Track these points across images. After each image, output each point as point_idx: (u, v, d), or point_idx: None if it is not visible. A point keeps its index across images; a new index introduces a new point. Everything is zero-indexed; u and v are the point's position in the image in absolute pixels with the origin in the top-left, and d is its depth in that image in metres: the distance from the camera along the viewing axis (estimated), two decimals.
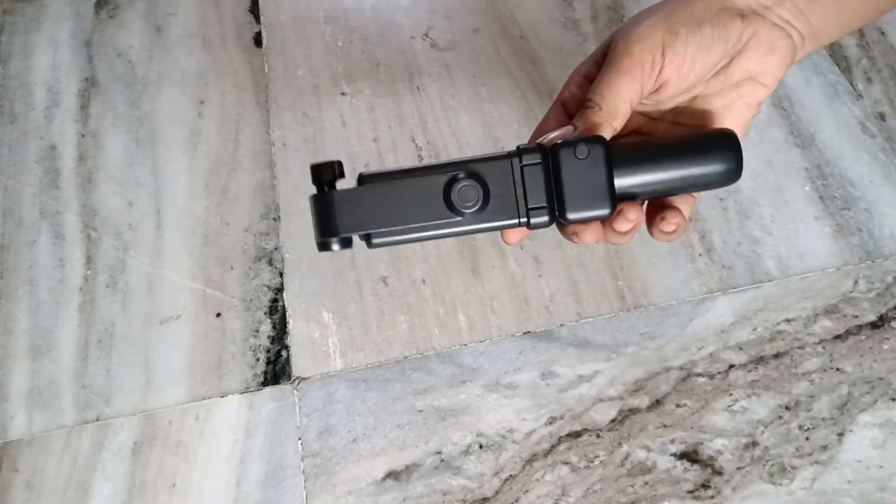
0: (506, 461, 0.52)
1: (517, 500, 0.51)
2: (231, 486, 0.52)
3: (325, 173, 0.32)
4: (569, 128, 0.33)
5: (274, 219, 0.63)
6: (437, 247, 0.61)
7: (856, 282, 0.59)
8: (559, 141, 0.32)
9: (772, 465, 0.52)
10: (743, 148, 0.37)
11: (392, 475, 0.52)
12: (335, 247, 0.32)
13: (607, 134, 0.33)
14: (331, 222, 0.32)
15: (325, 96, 0.69)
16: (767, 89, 0.35)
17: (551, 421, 0.54)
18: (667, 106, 0.36)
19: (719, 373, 0.55)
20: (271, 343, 0.57)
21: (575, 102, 0.36)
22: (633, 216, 0.33)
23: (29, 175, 0.66)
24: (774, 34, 0.32)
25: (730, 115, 0.36)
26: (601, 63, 0.35)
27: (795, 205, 0.62)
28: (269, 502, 0.51)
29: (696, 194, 0.37)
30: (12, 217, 0.64)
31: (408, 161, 0.66)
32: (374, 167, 0.66)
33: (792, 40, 0.33)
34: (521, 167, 0.32)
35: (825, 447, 0.52)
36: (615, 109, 0.32)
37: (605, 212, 0.32)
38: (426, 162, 0.67)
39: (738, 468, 0.52)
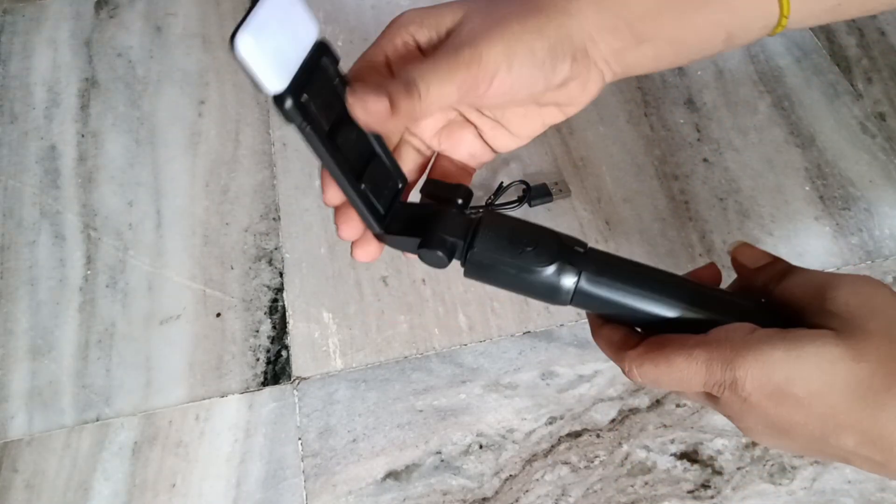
0: (506, 461, 0.52)
1: (517, 500, 0.51)
2: (231, 486, 0.52)
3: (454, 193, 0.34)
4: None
5: (274, 219, 0.63)
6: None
7: None
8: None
9: (772, 465, 0.52)
10: (742, 149, 0.37)
11: (392, 475, 0.52)
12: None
13: (404, 123, 0.31)
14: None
15: None
16: (566, 116, 0.35)
17: (551, 421, 0.54)
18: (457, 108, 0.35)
19: None
20: (271, 343, 0.57)
21: (398, 60, 0.33)
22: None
23: (29, 175, 0.66)
24: (592, 76, 0.32)
25: (522, 126, 0.35)
26: (434, 35, 0.32)
27: (795, 205, 0.62)
28: (269, 502, 0.51)
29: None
30: (12, 217, 0.64)
31: None
32: None
33: (604, 80, 0.33)
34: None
35: None
36: (432, 105, 0.30)
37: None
38: None
39: (738, 468, 0.52)
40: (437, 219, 0.33)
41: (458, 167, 0.37)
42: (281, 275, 0.60)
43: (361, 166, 0.32)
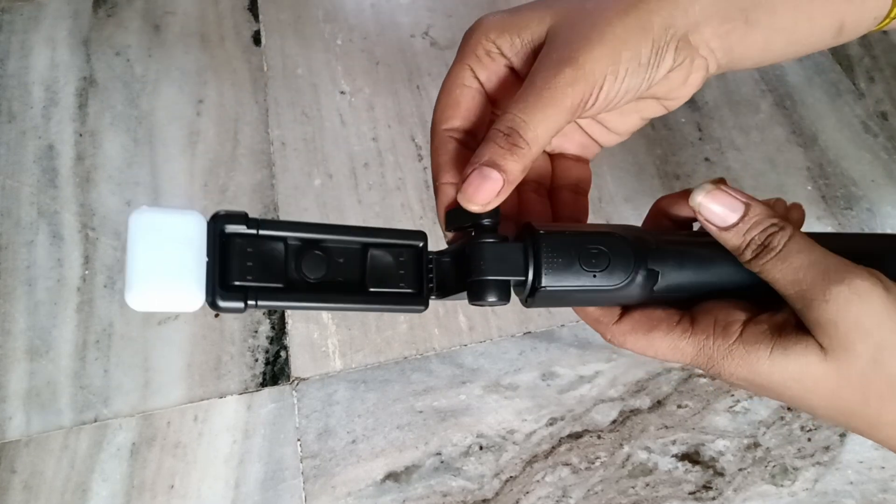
0: (506, 462, 0.52)
1: (517, 502, 0.51)
2: (230, 487, 0.51)
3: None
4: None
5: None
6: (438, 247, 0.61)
7: None
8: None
9: (773, 466, 0.51)
10: (744, 148, 0.36)
11: (392, 476, 0.52)
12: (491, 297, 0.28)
13: (518, 179, 0.28)
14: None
15: (325, 95, 0.69)
16: (667, 110, 0.33)
17: (552, 422, 0.53)
18: None
19: None
20: (270, 343, 0.57)
21: (495, 80, 0.30)
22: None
23: (27, 174, 0.66)
24: (695, 66, 0.30)
25: (620, 124, 0.34)
26: (518, 43, 0.29)
27: None
28: (268, 503, 0.51)
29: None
30: (10, 217, 0.63)
31: (408, 160, 0.66)
32: (374, 166, 0.66)
33: (708, 71, 0.31)
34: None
35: (827, 448, 0.52)
36: (543, 145, 0.27)
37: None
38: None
39: (740, 469, 0.51)
40: (478, 256, 0.28)
41: (573, 160, 0.35)
42: None
43: (360, 274, 0.28)
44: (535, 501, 0.50)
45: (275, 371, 0.56)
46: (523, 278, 0.28)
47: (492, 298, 0.28)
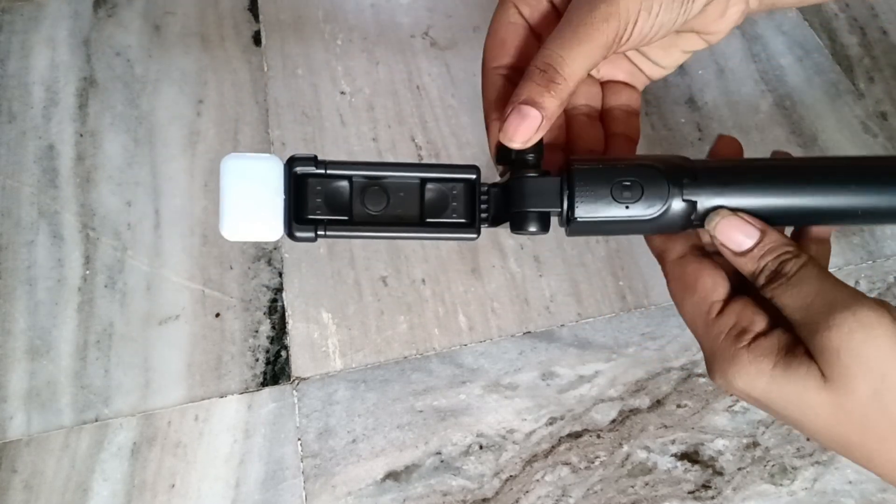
0: (506, 462, 0.52)
1: (517, 501, 0.51)
2: (230, 486, 0.52)
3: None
4: None
5: None
6: (437, 247, 0.61)
7: (857, 282, 0.59)
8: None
9: (773, 466, 0.52)
10: (744, 148, 0.36)
11: (392, 476, 0.52)
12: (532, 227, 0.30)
13: (556, 115, 0.29)
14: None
15: (325, 95, 0.69)
16: (708, 45, 0.33)
17: (552, 421, 0.53)
18: None
19: None
20: (270, 343, 0.57)
21: (538, 17, 0.31)
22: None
23: (27, 175, 0.66)
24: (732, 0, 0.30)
25: (663, 57, 0.34)
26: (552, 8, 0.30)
27: None
28: (268, 503, 0.51)
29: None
30: (10, 217, 0.63)
31: (408, 161, 0.66)
32: None
33: (748, 5, 0.31)
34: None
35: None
36: (579, 79, 0.28)
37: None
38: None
39: (739, 469, 0.51)
40: (521, 190, 0.30)
41: (623, 85, 0.35)
42: (280, 275, 0.60)
43: (418, 207, 0.31)
44: (535, 500, 0.51)
45: (275, 371, 0.56)
46: (559, 209, 0.30)
47: (532, 228, 0.30)
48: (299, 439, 0.53)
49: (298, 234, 0.29)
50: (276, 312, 0.58)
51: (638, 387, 0.55)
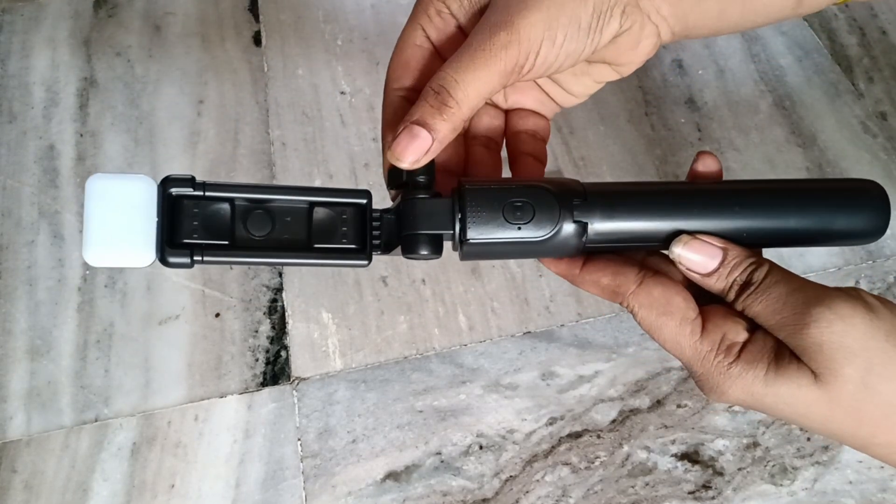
0: (506, 462, 0.52)
1: (517, 501, 0.51)
2: (230, 486, 0.52)
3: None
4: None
5: None
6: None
7: (857, 282, 0.59)
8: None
9: (773, 466, 0.52)
10: (743, 149, 0.36)
11: (392, 476, 0.52)
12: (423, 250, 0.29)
13: (447, 138, 0.28)
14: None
15: (325, 95, 0.69)
16: (620, 76, 0.32)
17: (552, 421, 0.53)
18: None
19: None
20: (270, 343, 0.57)
21: (445, 40, 0.30)
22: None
23: (28, 175, 0.66)
24: (645, 32, 0.29)
25: (574, 85, 0.33)
26: (466, 3, 0.29)
27: None
28: (268, 503, 0.51)
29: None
30: (11, 217, 0.63)
31: None
32: (374, 167, 0.66)
33: (660, 38, 0.30)
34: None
35: (826, 447, 0.52)
36: (474, 105, 0.27)
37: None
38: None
39: (739, 469, 0.51)
40: (412, 212, 0.29)
41: (533, 115, 0.35)
42: (280, 275, 0.60)
43: (306, 231, 0.29)
44: (535, 501, 0.51)
45: (275, 371, 0.56)
46: (451, 231, 0.29)
47: (424, 252, 0.29)
48: (299, 439, 0.53)
49: (171, 260, 0.27)
50: (276, 312, 0.58)
51: (638, 387, 0.55)
